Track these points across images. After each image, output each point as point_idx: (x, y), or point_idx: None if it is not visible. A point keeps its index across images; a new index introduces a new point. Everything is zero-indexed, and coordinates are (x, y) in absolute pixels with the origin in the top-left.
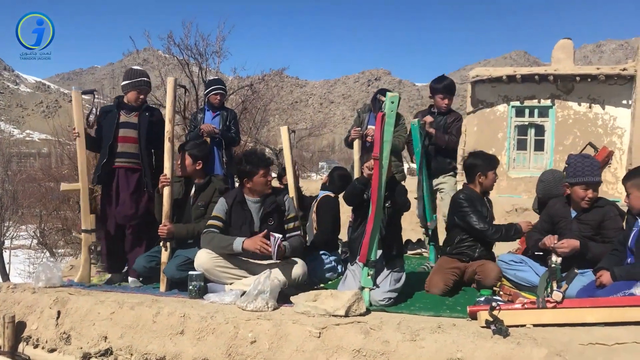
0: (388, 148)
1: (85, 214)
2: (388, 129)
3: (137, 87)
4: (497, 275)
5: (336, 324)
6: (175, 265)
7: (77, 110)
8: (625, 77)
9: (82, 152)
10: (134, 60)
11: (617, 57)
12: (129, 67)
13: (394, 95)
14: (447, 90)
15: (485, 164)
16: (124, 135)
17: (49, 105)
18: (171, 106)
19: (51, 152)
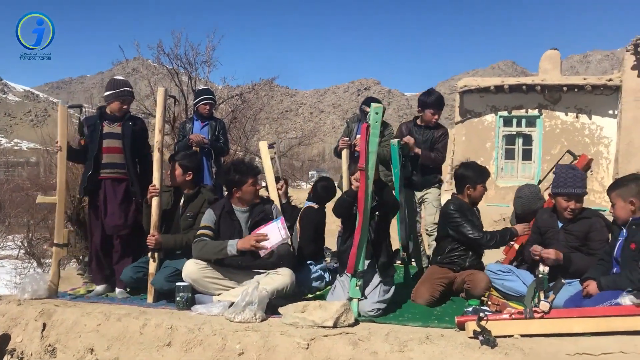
0: (373, 159)
1: (59, 228)
2: (373, 140)
3: (120, 97)
4: (487, 285)
5: (324, 335)
6: (164, 276)
7: (62, 125)
8: (611, 87)
9: (62, 166)
10: (123, 69)
11: (603, 68)
12: (112, 77)
13: (378, 106)
14: (437, 105)
15: (475, 177)
16: (109, 146)
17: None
18: (161, 116)
19: (40, 162)
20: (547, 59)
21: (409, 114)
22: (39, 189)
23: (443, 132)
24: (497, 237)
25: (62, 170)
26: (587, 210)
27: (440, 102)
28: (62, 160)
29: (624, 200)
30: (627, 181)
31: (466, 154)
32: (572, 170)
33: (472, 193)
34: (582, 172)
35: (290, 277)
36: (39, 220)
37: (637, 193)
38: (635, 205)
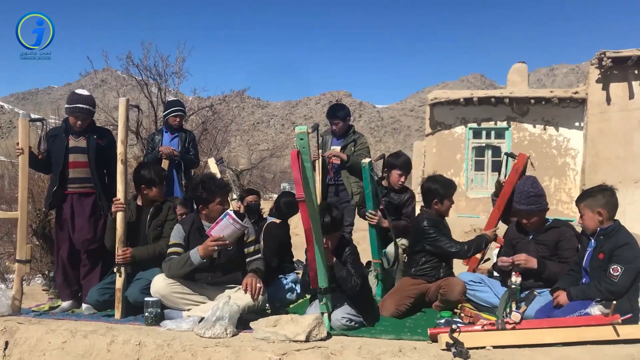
0: (312, 184)
1: (22, 243)
2: (307, 166)
3: (73, 114)
4: (462, 289)
5: (297, 350)
6: (138, 288)
7: (23, 136)
8: (577, 100)
9: (24, 176)
10: (92, 80)
11: (569, 81)
12: (72, 91)
13: (302, 132)
14: (405, 167)
15: (443, 192)
16: (75, 161)
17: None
18: (123, 127)
19: (4, 174)
20: (515, 72)
21: (380, 126)
22: (4, 202)
23: (410, 195)
24: (474, 245)
25: (24, 180)
26: (556, 220)
27: (408, 165)
28: (24, 165)
29: (592, 211)
30: (595, 192)
31: (437, 166)
32: (520, 185)
33: (440, 207)
34: (529, 188)
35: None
36: (2, 235)
37: (604, 204)
38: (603, 215)
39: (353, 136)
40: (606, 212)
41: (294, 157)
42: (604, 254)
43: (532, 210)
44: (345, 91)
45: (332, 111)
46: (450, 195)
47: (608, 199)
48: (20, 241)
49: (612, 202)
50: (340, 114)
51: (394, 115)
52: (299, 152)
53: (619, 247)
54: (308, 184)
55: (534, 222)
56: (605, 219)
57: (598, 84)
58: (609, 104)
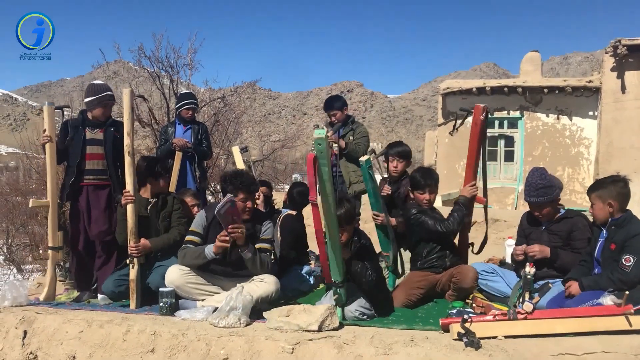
0: (329, 186)
1: (54, 231)
2: (324, 170)
3: (103, 103)
4: (475, 276)
5: (309, 339)
6: (160, 274)
7: (50, 122)
8: (591, 89)
9: (52, 164)
10: (104, 72)
11: (583, 69)
12: (91, 82)
13: (320, 137)
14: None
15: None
16: (91, 153)
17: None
18: (129, 118)
19: (19, 166)
20: (528, 61)
21: (392, 116)
22: (19, 194)
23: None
24: (456, 215)
25: (52, 169)
26: (569, 210)
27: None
28: (52, 155)
29: (603, 201)
30: (607, 183)
31: (449, 156)
32: (528, 178)
33: (418, 197)
34: (538, 180)
35: (275, 285)
36: (18, 226)
37: (615, 195)
38: (614, 207)
39: (352, 125)
40: (617, 203)
41: (310, 162)
42: (616, 245)
43: (542, 202)
44: (356, 81)
45: (329, 103)
46: (426, 186)
47: (620, 190)
48: (52, 229)
49: (624, 193)
50: (337, 104)
51: (405, 105)
52: (316, 156)
53: (632, 237)
54: (325, 186)
55: (546, 213)
56: (616, 210)
57: (613, 72)
58: (623, 92)
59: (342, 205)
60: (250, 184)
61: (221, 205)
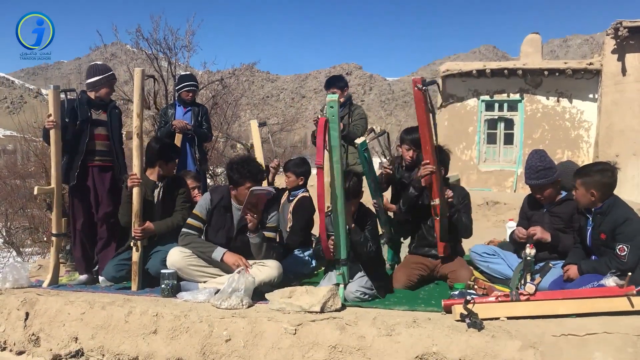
0: (337, 153)
1: (58, 218)
2: (334, 135)
3: (109, 82)
4: (469, 277)
5: (312, 320)
6: (159, 260)
7: (55, 107)
8: (592, 71)
9: (57, 150)
10: (101, 54)
11: (583, 52)
12: (93, 63)
13: (333, 100)
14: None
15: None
16: (96, 133)
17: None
18: (139, 99)
19: (17, 149)
20: (528, 43)
21: (391, 99)
22: (17, 177)
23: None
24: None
25: (57, 154)
26: (570, 193)
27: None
28: (57, 138)
29: (586, 189)
30: (593, 171)
31: (448, 139)
32: (529, 161)
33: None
34: (537, 163)
35: (277, 269)
36: (17, 209)
37: (599, 185)
38: (595, 196)
39: (350, 107)
40: (599, 193)
41: (321, 125)
42: (606, 234)
43: (542, 184)
44: (355, 64)
45: (332, 81)
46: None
47: (605, 181)
48: (57, 215)
49: (609, 183)
50: (339, 84)
51: (404, 88)
52: (327, 120)
53: (620, 224)
54: (334, 151)
55: (547, 194)
56: (598, 199)
57: (613, 54)
58: (624, 75)
59: (350, 178)
60: (257, 172)
61: (261, 188)
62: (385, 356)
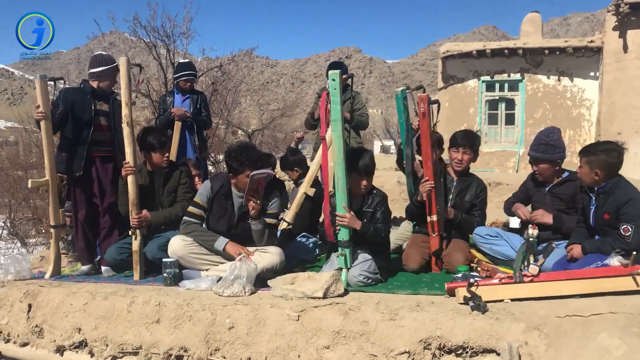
0: (339, 127)
1: (55, 209)
2: (335, 108)
3: (113, 74)
4: (463, 261)
5: (314, 306)
6: (157, 245)
7: (43, 97)
8: (593, 49)
9: (49, 141)
10: (100, 43)
11: (583, 30)
12: (96, 52)
13: (334, 73)
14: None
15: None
16: (98, 123)
17: (14, 92)
18: (126, 88)
19: (18, 140)
20: (528, 22)
21: (391, 81)
22: (19, 169)
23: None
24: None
25: (49, 145)
26: (573, 173)
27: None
28: (47, 129)
29: (590, 168)
30: (599, 151)
31: (450, 120)
32: (538, 133)
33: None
34: (542, 136)
35: (279, 256)
36: (20, 200)
37: (604, 165)
38: (599, 176)
39: (351, 93)
40: (604, 173)
41: (323, 99)
42: (609, 214)
43: (539, 158)
44: (355, 47)
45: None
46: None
47: (611, 161)
48: (53, 207)
49: (614, 163)
50: (342, 68)
51: (405, 70)
52: (329, 93)
53: (623, 204)
54: (335, 125)
55: (541, 170)
56: (602, 179)
57: (615, 31)
58: (625, 52)
59: (364, 155)
60: (257, 159)
61: (260, 172)
62: (389, 341)
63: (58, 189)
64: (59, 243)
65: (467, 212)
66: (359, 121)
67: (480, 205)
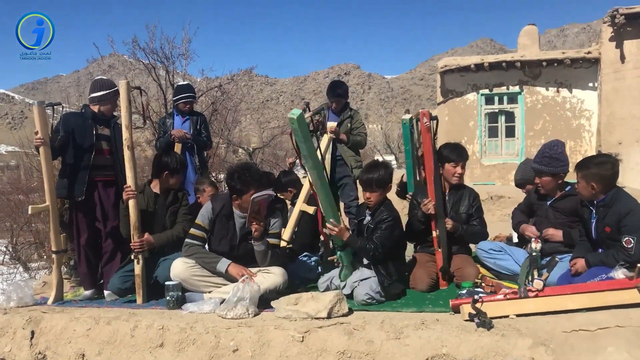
0: (309, 161)
1: (56, 235)
2: (302, 146)
3: (114, 98)
4: (475, 275)
5: (319, 327)
6: (168, 268)
7: (42, 123)
8: (590, 60)
9: (48, 167)
10: (99, 66)
11: (580, 41)
12: (97, 76)
13: (292, 117)
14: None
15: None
16: (100, 148)
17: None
18: (126, 111)
19: (19, 165)
20: (525, 35)
21: (390, 97)
22: (21, 193)
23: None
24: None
25: (49, 170)
26: (574, 188)
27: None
28: (46, 156)
29: (587, 182)
30: (592, 164)
31: (449, 134)
32: (542, 146)
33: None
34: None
35: (282, 276)
36: (22, 225)
37: (599, 178)
38: (596, 189)
39: (349, 112)
40: (601, 186)
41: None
42: (611, 227)
43: (541, 170)
44: (353, 63)
45: (333, 89)
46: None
47: (605, 173)
48: (54, 232)
49: (610, 175)
50: (340, 91)
51: (403, 85)
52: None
53: (624, 216)
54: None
55: (544, 183)
56: (599, 192)
57: (611, 42)
58: (623, 62)
59: (379, 169)
60: (259, 177)
61: (260, 194)
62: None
63: (59, 213)
64: (61, 268)
65: (465, 223)
66: (355, 141)
67: (477, 213)
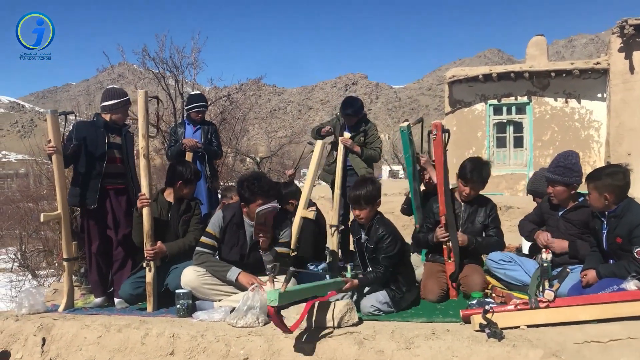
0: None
1: (68, 242)
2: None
3: (126, 106)
4: (481, 287)
5: (329, 336)
6: (179, 276)
7: (54, 132)
8: (599, 71)
9: (60, 175)
10: (109, 75)
11: (588, 52)
12: (108, 85)
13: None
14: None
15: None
16: (112, 156)
17: (25, 125)
18: (144, 120)
19: (29, 173)
20: (533, 46)
21: (398, 106)
22: (30, 200)
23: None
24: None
25: (61, 178)
26: (586, 199)
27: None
28: (59, 163)
29: (599, 193)
30: (604, 175)
31: (458, 144)
32: (557, 156)
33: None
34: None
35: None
36: (31, 232)
37: (612, 189)
38: (609, 199)
39: (364, 126)
40: (613, 196)
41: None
42: (622, 238)
43: (555, 180)
44: (361, 73)
45: (344, 108)
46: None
47: (617, 183)
48: (66, 240)
49: (622, 185)
50: (349, 111)
51: (411, 95)
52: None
53: (635, 227)
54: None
55: (557, 192)
56: (611, 202)
57: (620, 53)
58: (632, 72)
59: (366, 185)
60: (269, 188)
61: (265, 207)
62: None
63: (70, 221)
64: (72, 275)
65: (479, 234)
66: (369, 155)
67: (493, 223)
